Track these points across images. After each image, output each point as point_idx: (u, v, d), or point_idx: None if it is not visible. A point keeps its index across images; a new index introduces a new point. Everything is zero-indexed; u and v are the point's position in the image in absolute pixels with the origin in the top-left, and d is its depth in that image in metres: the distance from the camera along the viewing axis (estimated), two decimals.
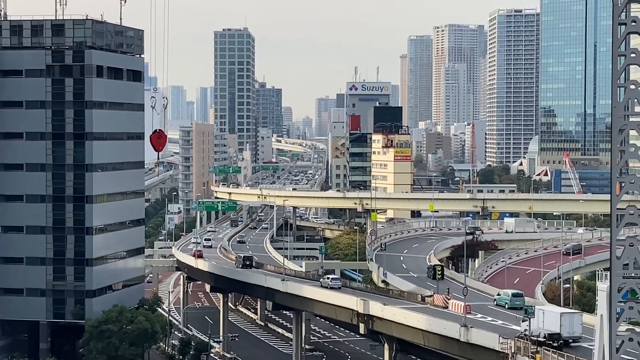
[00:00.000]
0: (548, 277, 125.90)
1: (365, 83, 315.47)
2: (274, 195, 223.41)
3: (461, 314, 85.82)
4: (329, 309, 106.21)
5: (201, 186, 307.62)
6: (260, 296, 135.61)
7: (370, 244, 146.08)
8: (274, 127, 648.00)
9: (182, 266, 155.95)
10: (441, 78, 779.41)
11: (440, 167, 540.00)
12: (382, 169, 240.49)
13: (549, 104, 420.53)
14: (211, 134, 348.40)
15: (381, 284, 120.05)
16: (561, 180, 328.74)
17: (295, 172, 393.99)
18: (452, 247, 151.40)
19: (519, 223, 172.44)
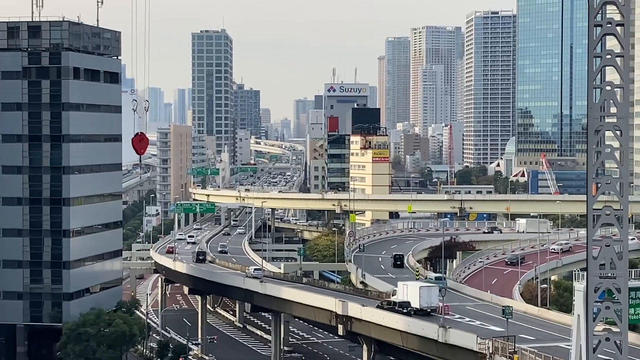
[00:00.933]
0: (525, 277, 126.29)
1: (343, 85, 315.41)
2: (253, 196, 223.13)
3: (439, 314, 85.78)
4: (307, 311, 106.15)
5: (179, 188, 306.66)
6: (238, 298, 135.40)
7: (349, 245, 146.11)
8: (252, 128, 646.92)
9: (160, 268, 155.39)
10: (419, 79, 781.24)
11: (418, 169, 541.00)
12: (361, 170, 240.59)
13: (525, 105, 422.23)
14: (189, 135, 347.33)
15: (360, 285, 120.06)
16: (538, 181, 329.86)
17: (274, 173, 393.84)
18: (430, 248, 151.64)
19: (531, 223, 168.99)
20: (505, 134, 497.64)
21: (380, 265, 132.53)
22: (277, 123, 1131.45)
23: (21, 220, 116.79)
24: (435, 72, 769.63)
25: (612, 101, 55.84)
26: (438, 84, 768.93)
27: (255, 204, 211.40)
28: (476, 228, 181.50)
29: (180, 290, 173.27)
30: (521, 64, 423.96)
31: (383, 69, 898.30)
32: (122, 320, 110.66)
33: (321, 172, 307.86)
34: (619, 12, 56.02)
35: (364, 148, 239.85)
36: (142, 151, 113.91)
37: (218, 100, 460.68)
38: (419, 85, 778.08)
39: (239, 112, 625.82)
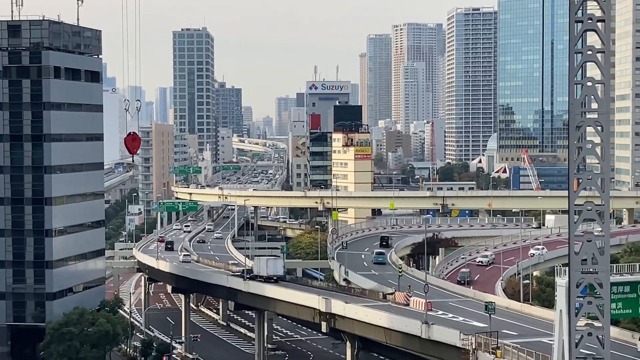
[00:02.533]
0: (508, 273, 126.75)
1: (325, 82, 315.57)
2: (235, 195, 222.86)
3: (422, 311, 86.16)
4: (291, 308, 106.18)
5: (161, 187, 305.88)
6: (222, 296, 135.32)
7: (332, 242, 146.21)
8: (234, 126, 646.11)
9: (143, 267, 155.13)
10: (400, 77, 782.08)
11: (400, 166, 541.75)
12: (343, 167, 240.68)
13: (507, 101, 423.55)
14: (171, 134, 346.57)
15: (343, 283, 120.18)
16: (520, 177, 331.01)
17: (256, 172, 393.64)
18: (412, 245, 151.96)
19: (559, 219, 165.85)
20: (486, 131, 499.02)
21: (363, 263, 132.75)
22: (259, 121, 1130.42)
23: (3, 220, 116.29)
24: (416, 69, 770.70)
25: (593, 97, 56.08)
26: (420, 81, 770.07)
27: (237, 202, 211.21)
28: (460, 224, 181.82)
29: (163, 289, 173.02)
30: (502, 60, 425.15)
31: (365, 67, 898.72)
32: (105, 320, 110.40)
33: (303, 170, 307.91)
34: (599, 8, 56.30)
35: (346, 145, 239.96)
36: (135, 150, 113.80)
37: (200, 99, 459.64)
38: (401, 82, 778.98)
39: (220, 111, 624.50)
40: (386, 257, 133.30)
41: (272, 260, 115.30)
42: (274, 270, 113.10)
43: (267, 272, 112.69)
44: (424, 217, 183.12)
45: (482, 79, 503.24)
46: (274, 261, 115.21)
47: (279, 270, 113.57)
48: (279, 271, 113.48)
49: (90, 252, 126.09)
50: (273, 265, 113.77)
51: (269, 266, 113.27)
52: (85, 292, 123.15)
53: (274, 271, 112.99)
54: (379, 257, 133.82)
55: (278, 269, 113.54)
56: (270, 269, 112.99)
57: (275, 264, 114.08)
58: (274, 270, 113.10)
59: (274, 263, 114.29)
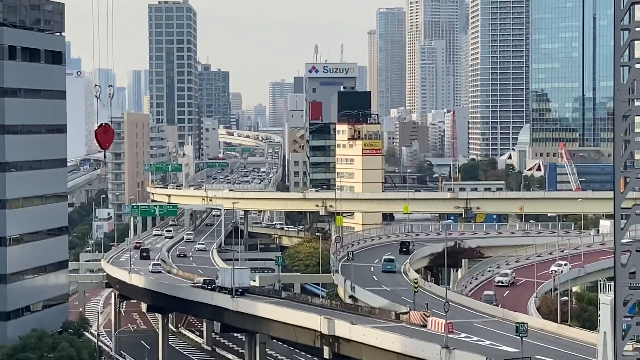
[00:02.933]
0: (543, 288, 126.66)
1: (327, 64, 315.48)
2: (222, 197, 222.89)
3: (442, 333, 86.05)
4: (287, 330, 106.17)
5: (135, 187, 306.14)
6: (206, 316, 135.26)
7: (335, 252, 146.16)
8: (221, 116, 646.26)
9: (113, 282, 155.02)
10: (416, 58, 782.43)
11: (416, 162, 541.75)
12: (349, 164, 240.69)
13: (541, 87, 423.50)
14: (146, 125, 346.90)
15: (348, 300, 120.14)
16: (556, 175, 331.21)
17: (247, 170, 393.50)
18: (430, 255, 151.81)
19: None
20: (517, 121, 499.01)
21: (372, 276, 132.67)
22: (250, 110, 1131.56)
23: None
24: (435, 49, 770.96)
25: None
26: (439, 63, 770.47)
27: (224, 205, 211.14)
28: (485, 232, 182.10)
29: (137, 308, 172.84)
30: (536, 39, 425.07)
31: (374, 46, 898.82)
32: (68, 344, 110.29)
33: (302, 168, 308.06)
34: None
35: (353, 139, 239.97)
36: (108, 145, 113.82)
37: (180, 84, 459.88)
38: (416, 64, 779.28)
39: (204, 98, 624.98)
40: (397, 265, 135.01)
41: (237, 271, 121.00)
42: (240, 281, 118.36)
43: (231, 283, 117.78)
44: (443, 222, 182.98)
45: (512, 60, 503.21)
46: (239, 271, 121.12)
47: (245, 281, 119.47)
48: (244, 282, 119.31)
49: (51, 265, 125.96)
50: (238, 275, 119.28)
51: (234, 277, 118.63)
52: (45, 312, 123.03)
53: (239, 282, 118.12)
54: (388, 264, 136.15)
55: (244, 280, 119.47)
56: (236, 280, 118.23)
57: (240, 274, 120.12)
58: (240, 281, 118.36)
59: (239, 273, 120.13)
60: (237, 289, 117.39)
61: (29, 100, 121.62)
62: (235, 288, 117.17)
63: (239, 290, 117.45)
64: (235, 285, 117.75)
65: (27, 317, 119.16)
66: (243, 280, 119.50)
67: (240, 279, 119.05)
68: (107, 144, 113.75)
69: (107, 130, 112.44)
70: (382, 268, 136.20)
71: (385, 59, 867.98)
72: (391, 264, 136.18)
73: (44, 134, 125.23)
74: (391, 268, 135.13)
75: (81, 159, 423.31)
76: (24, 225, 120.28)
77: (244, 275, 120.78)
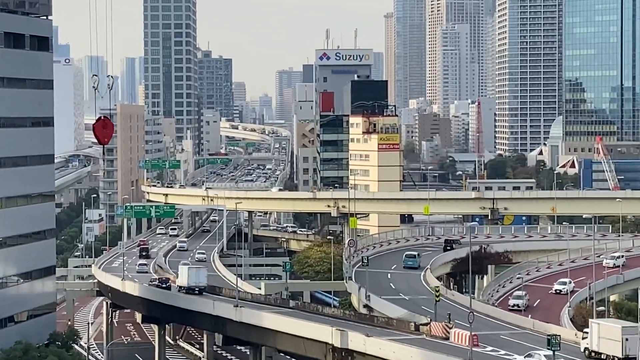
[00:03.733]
0: (577, 297, 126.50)
1: (339, 51, 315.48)
2: (224, 196, 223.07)
3: (466, 346, 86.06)
4: (296, 343, 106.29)
5: (129, 186, 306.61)
6: (207, 327, 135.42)
7: (349, 258, 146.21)
8: (223, 108, 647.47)
9: (105, 290, 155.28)
10: (437, 43, 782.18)
11: (438, 158, 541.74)
12: (363, 161, 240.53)
13: (575, 75, 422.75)
14: (141, 118, 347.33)
15: (363, 310, 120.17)
16: (592, 173, 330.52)
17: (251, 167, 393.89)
18: (453, 261, 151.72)
19: None
20: (549, 113, 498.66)
21: (389, 284, 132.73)
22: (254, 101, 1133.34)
23: None
24: (458, 34, 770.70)
25: None
26: (462, 49, 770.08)
27: (227, 205, 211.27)
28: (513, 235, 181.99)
29: (131, 318, 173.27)
30: (569, 22, 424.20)
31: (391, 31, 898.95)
32: (56, 358, 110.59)
33: (312, 164, 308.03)
34: None
35: (367, 132, 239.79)
36: (107, 140, 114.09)
37: (178, 72, 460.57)
38: (438, 50, 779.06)
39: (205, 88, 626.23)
40: (419, 261, 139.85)
41: (193, 269, 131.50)
42: (196, 281, 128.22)
43: (187, 283, 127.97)
44: (468, 225, 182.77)
45: (543, 46, 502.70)
46: (196, 270, 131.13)
47: (201, 280, 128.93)
48: (201, 281, 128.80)
49: (36, 271, 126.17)
50: (195, 275, 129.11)
51: (191, 275, 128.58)
52: (30, 322, 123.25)
53: (195, 281, 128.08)
54: (410, 260, 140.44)
55: (201, 279, 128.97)
56: (191, 278, 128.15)
57: (198, 273, 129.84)
58: (196, 281, 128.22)
59: (196, 272, 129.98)
60: (194, 288, 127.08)
61: (13, 91, 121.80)
62: (191, 287, 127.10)
63: (195, 290, 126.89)
64: (192, 284, 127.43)
65: (10, 328, 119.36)
66: (200, 279, 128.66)
67: (197, 278, 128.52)
68: (107, 139, 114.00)
69: (106, 124, 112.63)
70: (404, 264, 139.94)
71: (404, 45, 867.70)
72: (413, 260, 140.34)
73: (29, 127, 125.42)
74: (412, 264, 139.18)
75: (70, 155, 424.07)
76: (7, 227, 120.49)
77: (201, 274, 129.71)
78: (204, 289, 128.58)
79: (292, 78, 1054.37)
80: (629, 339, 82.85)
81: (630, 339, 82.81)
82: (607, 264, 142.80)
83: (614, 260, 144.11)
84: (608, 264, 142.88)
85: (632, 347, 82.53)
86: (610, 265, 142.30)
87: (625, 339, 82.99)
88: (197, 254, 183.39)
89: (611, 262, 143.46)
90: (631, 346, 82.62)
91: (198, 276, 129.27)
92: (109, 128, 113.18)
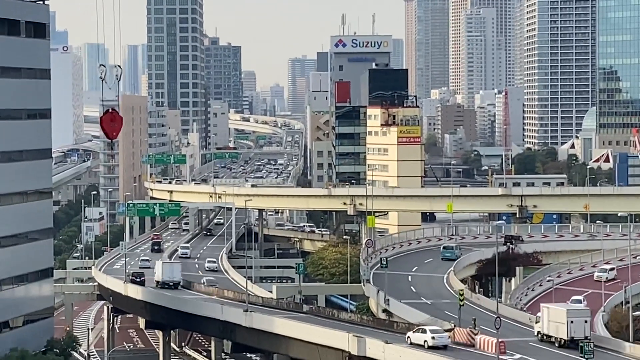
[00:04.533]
0: (612, 301, 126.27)
1: (356, 37, 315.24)
2: (232, 193, 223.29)
3: (492, 354, 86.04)
4: (310, 350, 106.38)
5: (131, 182, 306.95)
6: (214, 334, 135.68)
7: (366, 259, 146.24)
8: (231, 99, 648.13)
9: (106, 294, 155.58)
10: (461, 29, 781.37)
11: (462, 152, 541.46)
12: (382, 155, 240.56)
13: (610, 63, 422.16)
14: (144, 109, 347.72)
15: (382, 315, 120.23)
16: (628, 167, 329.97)
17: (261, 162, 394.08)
18: (479, 263, 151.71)
19: None
20: (581, 104, 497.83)
21: (410, 287, 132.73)
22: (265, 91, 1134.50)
23: None
24: (484, 19, 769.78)
25: None
26: (488, 35, 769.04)
27: (236, 203, 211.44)
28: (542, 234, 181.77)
29: (134, 324, 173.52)
30: (603, 6, 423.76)
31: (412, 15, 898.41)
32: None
33: (327, 159, 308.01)
34: None
35: (386, 125, 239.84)
36: (115, 134, 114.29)
37: (183, 61, 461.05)
38: (462, 37, 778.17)
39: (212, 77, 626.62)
40: (458, 253, 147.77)
41: (167, 265, 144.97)
42: (170, 276, 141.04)
43: (162, 277, 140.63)
44: (494, 224, 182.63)
45: (575, 31, 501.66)
46: (170, 265, 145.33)
47: (175, 275, 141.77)
48: (175, 277, 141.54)
49: (33, 273, 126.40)
50: (170, 270, 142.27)
51: (165, 271, 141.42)
52: (26, 328, 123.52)
53: (170, 276, 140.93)
54: (447, 252, 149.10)
55: (175, 275, 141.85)
56: (166, 273, 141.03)
57: (172, 268, 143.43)
58: (170, 276, 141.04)
59: (170, 268, 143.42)
60: (169, 282, 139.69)
61: (7, 80, 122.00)
62: (166, 282, 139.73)
63: (170, 284, 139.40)
64: (166, 279, 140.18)
65: (5, 334, 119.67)
66: (174, 274, 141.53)
67: (171, 272, 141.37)
68: (115, 133, 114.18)
69: (114, 118, 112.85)
70: (441, 256, 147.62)
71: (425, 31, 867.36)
72: (450, 252, 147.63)
73: (24, 119, 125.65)
74: (450, 256, 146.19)
75: (68, 149, 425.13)
76: (1, 227, 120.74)
77: (175, 269, 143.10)
78: (178, 284, 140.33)
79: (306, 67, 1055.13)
80: (574, 322, 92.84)
81: (575, 322, 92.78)
82: (599, 277, 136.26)
83: (605, 273, 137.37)
84: (600, 277, 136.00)
85: (577, 329, 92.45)
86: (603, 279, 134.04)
87: (571, 321, 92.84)
88: (208, 262, 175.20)
89: (603, 276, 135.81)
90: (576, 328, 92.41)
91: (172, 271, 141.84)
92: (118, 122, 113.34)
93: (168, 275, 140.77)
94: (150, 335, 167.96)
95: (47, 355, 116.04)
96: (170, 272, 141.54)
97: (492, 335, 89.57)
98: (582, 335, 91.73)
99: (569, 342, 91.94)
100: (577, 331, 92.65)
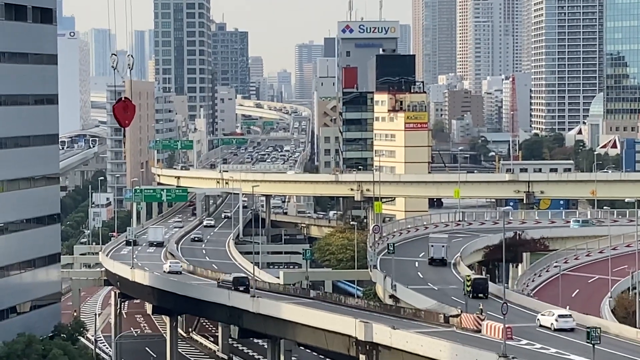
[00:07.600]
0: (618, 287, 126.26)
1: (363, 23, 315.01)
2: (240, 179, 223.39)
3: (499, 339, 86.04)
4: (317, 335, 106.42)
5: (138, 168, 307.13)
6: (222, 319, 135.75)
7: (373, 245, 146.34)
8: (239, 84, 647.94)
9: (113, 279, 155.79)
10: (468, 14, 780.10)
11: (469, 138, 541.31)
12: (389, 141, 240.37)
13: (617, 48, 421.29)
14: (151, 95, 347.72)
15: (389, 300, 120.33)
16: (635, 153, 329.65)
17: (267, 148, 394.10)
18: (485, 249, 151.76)
19: None
20: (589, 90, 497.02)
21: (417, 273, 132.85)
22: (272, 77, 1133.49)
23: None
24: (491, 4, 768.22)
25: None
26: (495, 21, 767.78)
27: (243, 188, 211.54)
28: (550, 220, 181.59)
29: (141, 309, 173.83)
30: None
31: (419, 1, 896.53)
32: (61, 351, 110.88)
33: (334, 145, 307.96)
34: None
35: (394, 110, 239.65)
36: (128, 123, 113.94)
37: (190, 46, 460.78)
38: (469, 22, 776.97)
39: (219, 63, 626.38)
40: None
41: (152, 228, 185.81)
42: (154, 237, 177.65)
43: (149, 239, 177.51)
44: (501, 209, 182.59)
45: (583, 17, 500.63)
46: (154, 229, 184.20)
47: (158, 237, 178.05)
48: (158, 238, 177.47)
49: (40, 259, 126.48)
50: (153, 232, 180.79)
51: (150, 233, 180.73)
52: (33, 313, 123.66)
53: (154, 237, 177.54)
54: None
55: (158, 236, 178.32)
56: (150, 235, 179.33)
57: (155, 231, 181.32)
58: (154, 237, 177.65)
59: (154, 231, 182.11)
60: (153, 242, 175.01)
61: (14, 66, 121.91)
62: (151, 242, 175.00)
63: (154, 243, 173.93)
64: (151, 239, 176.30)
65: (12, 319, 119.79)
66: (157, 236, 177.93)
67: (154, 235, 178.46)
68: (128, 121, 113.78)
69: (127, 106, 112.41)
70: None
71: (432, 17, 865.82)
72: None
73: (31, 105, 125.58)
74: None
75: (75, 135, 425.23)
76: (8, 212, 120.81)
77: (158, 232, 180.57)
78: (162, 243, 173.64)
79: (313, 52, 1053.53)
80: (434, 246, 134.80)
81: (435, 246, 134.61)
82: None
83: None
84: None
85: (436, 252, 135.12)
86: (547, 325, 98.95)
87: (431, 245, 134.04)
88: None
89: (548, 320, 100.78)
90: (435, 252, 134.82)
91: (155, 234, 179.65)
92: (131, 110, 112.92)
93: (152, 237, 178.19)
94: (157, 320, 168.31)
95: (54, 340, 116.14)
96: (153, 234, 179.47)
97: (499, 321, 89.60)
98: (440, 257, 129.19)
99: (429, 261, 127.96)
100: (437, 254, 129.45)
